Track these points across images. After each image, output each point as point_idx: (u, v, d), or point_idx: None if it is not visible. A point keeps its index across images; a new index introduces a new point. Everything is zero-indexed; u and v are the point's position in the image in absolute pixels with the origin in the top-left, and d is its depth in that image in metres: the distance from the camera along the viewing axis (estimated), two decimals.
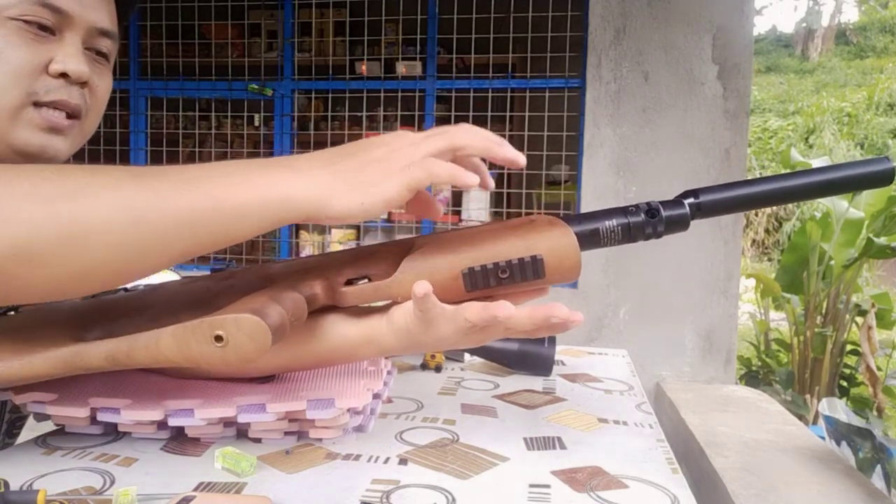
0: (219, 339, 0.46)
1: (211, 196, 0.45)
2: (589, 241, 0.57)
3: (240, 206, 0.46)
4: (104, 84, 0.70)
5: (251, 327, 0.46)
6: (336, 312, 0.59)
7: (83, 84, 0.65)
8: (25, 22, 0.61)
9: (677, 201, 0.59)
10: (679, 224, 0.58)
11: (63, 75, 0.63)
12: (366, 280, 0.55)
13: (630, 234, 0.57)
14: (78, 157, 0.59)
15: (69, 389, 0.61)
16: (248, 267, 0.60)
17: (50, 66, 0.63)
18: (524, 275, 0.53)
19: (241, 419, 0.60)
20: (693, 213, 0.59)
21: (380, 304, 0.57)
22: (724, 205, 0.59)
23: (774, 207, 11.27)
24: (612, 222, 0.56)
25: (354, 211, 0.47)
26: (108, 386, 0.63)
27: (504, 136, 2.68)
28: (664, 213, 0.57)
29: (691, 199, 0.59)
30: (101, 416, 0.59)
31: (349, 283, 0.55)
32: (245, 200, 0.46)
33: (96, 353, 0.49)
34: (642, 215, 0.57)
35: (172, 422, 0.59)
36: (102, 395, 0.61)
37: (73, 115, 0.65)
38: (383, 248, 0.55)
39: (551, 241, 0.53)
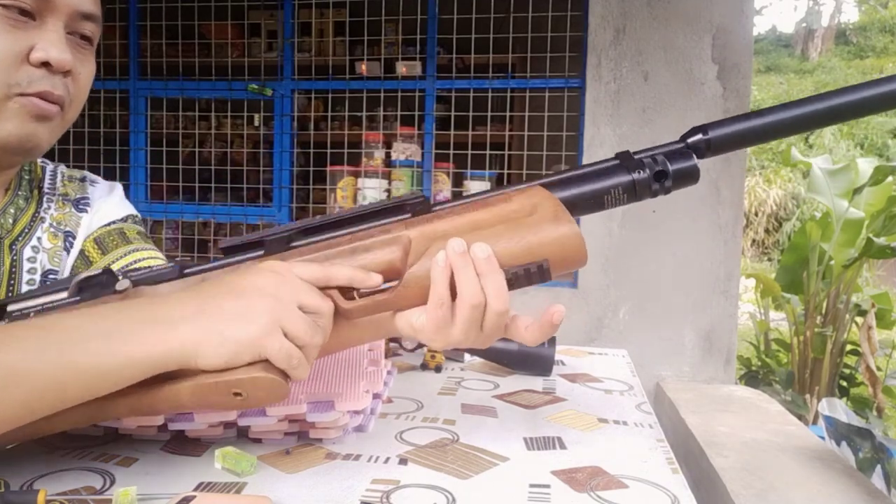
0: (237, 394, 0.49)
1: (73, 363, 0.46)
2: (592, 206, 0.56)
3: (103, 370, 0.46)
4: (87, 71, 0.67)
5: (267, 385, 0.49)
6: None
7: (66, 73, 0.62)
8: (4, 7, 0.57)
9: (684, 152, 0.56)
10: (688, 178, 0.56)
11: (45, 64, 0.60)
12: (370, 294, 0.54)
13: (636, 195, 0.56)
14: (78, 158, 0.58)
15: None
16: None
17: (31, 53, 0.59)
18: (530, 281, 0.53)
19: (242, 422, 0.60)
20: (702, 153, 0.57)
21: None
22: (735, 138, 0.57)
23: (774, 207, 11.27)
24: (617, 188, 0.55)
25: (220, 366, 0.48)
26: None
27: (504, 136, 2.66)
28: (672, 168, 0.55)
29: (699, 136, 0.56)
30: (101, 422, 0.59)
31: (348, 293, 0.54)
32: (109, 365, 0.47)
33: (121, 406, 0.50)
34: (647, 172, 0.55)
35: (173, 426, 0.59)
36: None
37: (56, 104, 0.62)
38: (378, 244, 0.54)
39: (558, 242, 0.52)
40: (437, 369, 0.92)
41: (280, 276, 0.51)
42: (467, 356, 0.98)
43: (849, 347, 3.32)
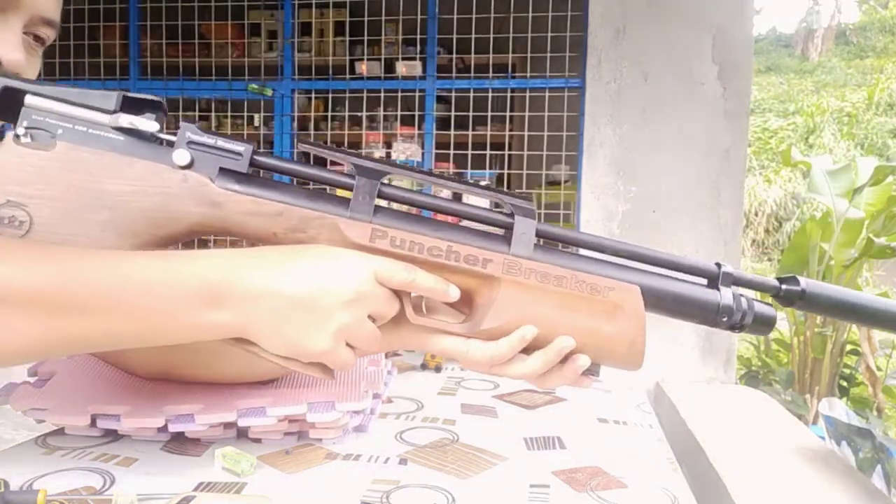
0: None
1: (121, 272, 0.45)
2: (664, 312, 0.58)
3: (147, 278, 0.45)
4: (33, 72, 0.65)
5: (316, 374, 0.51)
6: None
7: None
8: None
9: (766, 304, 0.58)
10: (764, 326, 0.58)
11: None
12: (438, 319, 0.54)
13: (709, 324, 0.58)
14: None
15: (68, 397, 0.61)
16: None
17: None
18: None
19: (242, 423, 0.60)
20: (792, 301, 0.58)
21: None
22: (830, 303, 0.58)
23: (774, 207, 11.27)
24: (698, 313, 0.57)
25: (277, 356, 0.47)
26: (107, 392, 0.63)
27: (504, 136, 2.66)
28: (755, 315, 0.57)
29: (797, 288, 0.57)
30: (101, 423, 0.59)
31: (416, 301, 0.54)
32: (167, 339, 0.47)
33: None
34: (733, 316, 0.56)
35: (173, 427, 0.59)
36: (102, 402, 0.60)
37: None
38: (469, 272, 0.52)
39: (623, 362, 0.55)
40: (437, 369, 0.92)
41: (363, 281, 0.48)
42: None
43: (849, 347, 3.32)
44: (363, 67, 3.12)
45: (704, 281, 0.58)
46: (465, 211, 0.54)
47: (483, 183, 0.53)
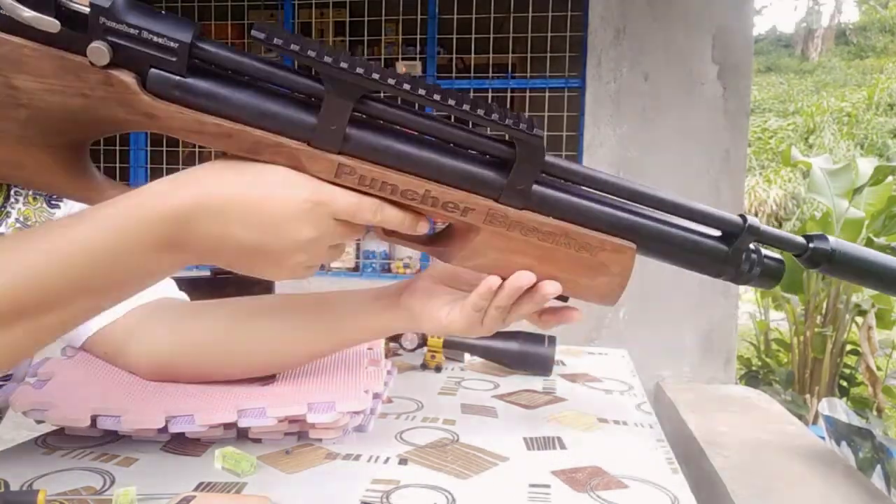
0: None
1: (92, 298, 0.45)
2: (663, 255, 0.55)
3: (98, 249, 0.43)
4: None
5: None
6: (354, 305, 0.61)
7: None
8: None
9: (778, 259, 0.55)
10: (771, 279, 0.56)
11: None
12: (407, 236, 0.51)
13: (715, 275, 0.55)
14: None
15: (68, 397, 0.61)
16: None
17: None
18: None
19: (242, 424, 0.60)
20: (817, 263, 0.55)
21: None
22: (856, 264, 0.55)
23: (774, 207, 11.27)
24: (705, 264, 0.54)
25: (224, 232, 0.45)
26: (107, 393, 0.63)
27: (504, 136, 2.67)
28: (763, 266, 0.54)
29: (827, 247, 0.54)
30: (101, 424, 0.59)
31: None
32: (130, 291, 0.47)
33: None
34: (742, 265, 0.54)
35: (173, 428, 0.59)
36: (102, 403, 0.60)
37: None
38: (445, 216, 0.48)
39: (595, 294, 0.53)
40: (437, 369, 0.92)
41: (320, 226, 0.46)
42: (467, 356, 0.98)
43: (849, 347, 3.32)
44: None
45: (718, 233, 0.54)
46: (461, 137, 0.46)
47: (488, 111, 0.44)
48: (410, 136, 0.46)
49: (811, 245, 0.54)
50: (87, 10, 0.39)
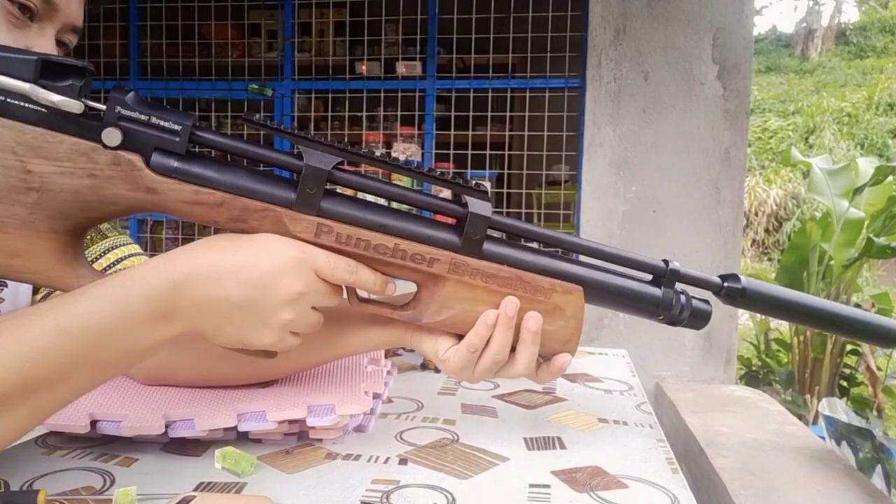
0: None
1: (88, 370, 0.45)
2: (606, 304, 0.60)
3: (96, 325, 0.45)
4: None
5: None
6: (358, 320, 0.62)
7: None
8: (10, 1, 0.56)
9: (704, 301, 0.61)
10: (700, 321, 0.61)
11: None
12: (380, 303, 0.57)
13: (648, 316, 0.61)
14: None
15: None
16: None
17: None
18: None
19: (242, 428, 0.60)
20: (734, 300, 0.61)
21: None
22: (768, 301, 0.61)
23: (774, 207, 11.27)
24: (640, 307, 0.60)
25: (215, 292, 0.47)
26: (106, 397, 0.63)
27: (504, 136, 2.65)
28: (692, 310, 0.60)
29: (737, 286, 0.60)
30: (101, 429, 0.59)
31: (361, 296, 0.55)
32: (122, 366, 0.48)
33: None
34: (672, 309, 0.60)
35: (173, 433, 0.59)
36: (101, 408, 0.60)
37: None
38: (414, 270, 0.53)
39: (557, 340, 0.58)
40: (437, 369, 0.92)
41: (305, 281, 0.49)
42: None
43: (849, 347, 3.32)
44: (363, 67, 3.12)
45: (649, 277, 0.60)
46: (419, 200, 0.54)
47: (441, 172, 0.53)
48: (378, 203, 0.53)
49: (725, 284, 0.61)
50: (101, 105, 0.45)
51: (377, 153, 0.51)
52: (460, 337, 0.57)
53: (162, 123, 0.47)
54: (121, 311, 0.45)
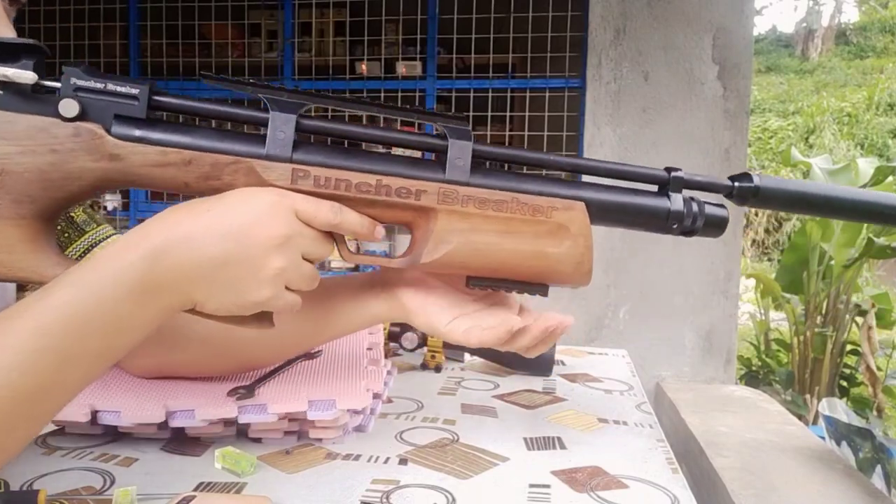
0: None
1: (76, 367, 0.42)
2: (615, 223, 0.56)
3: (76, 315, 0.42)
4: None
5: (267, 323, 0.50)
6: (349, 294, 0.60)
7: None
8: None
9: (719, 203, 0.57)
10: (716, 228, 0.57)
11: None
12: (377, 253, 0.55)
13: (659, 230, 0.57)
14: None
15: None
16: None
17: None
18: (530, 293, 0.55)
19: (243, 419, 0.60)
20: (746, 200, 0.56)
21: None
22: (783, 196, 0.57)
23: None
24: (648, 220, 0.56)
25: (197, 255, 0.44)
26: (107, 389, 0.63)
27: (504, 136, 2.66)
28: (705, 217, 0.56)
29: (749, 184, 0.56)
30: (101, 419, 0.59)
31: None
32: (115, 356, 0.45)
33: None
34: (683, 220, 0.55)
35: (174, 423, 0.59)
36: (101, 399, 0.60)
37: None
38: (402, 205, 0.50)
39: (570, 278, 0.54)
40: (437, 369, 0.92)
41: (288, 223, 0.46)
42: (467, 356, 0.98)
43: (849, 347, 3.32)
44: (363, 67, 3.12)
45: (655, 188, 0.56)
46: (395, 138, 0.51)
47: (414, 107, 0.51)
48: (353, 145, 0.51)
49: (736, 184, 0.57)
50: (56, 83, 0.44)
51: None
52: (452, 302, 0.55)
53: (119, 89, 0.45)
54: (98, 297, 0.42)
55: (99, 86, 0.45)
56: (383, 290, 0.59)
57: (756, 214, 11.16)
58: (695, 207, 0.56)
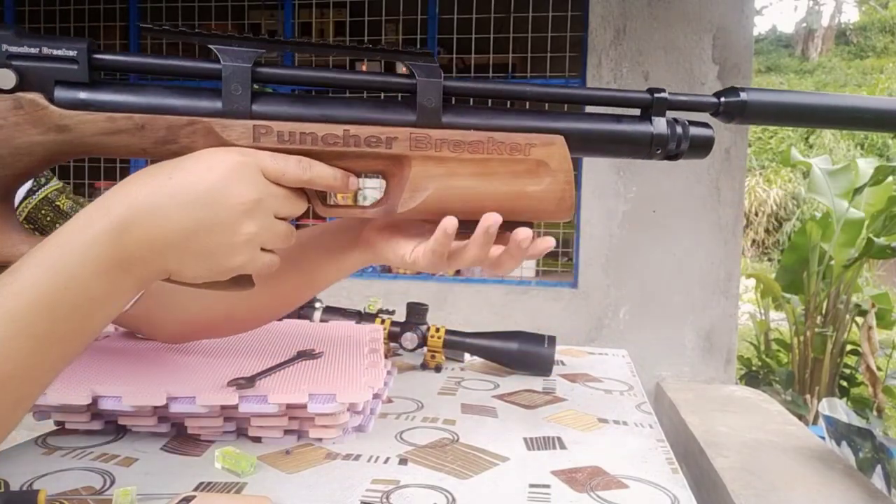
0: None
1: (54, 348, 0.41)
2: (597, 152, 0.54)
3: (44, 296, 0.40)
4: None
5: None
6: (323, 245, 0.58)
7: None
8: None
9: (703, 122, 0.53)
10: (702, 149, 0.54)
11: None
12: (348, 206, 0.51)
13: (645, 156, 0.54)
14: (78, 158, 0.56)
15: (68, 379, 0.61)
16: None
17: None
18: (510, 229, 0.52)
19: (243, 408, 0.60)
20: (733, 117, 0.53)
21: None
22: (771, 110, 0.53)
23: (774, 207, 11.27)
24: (632, 146, 0.53)
25: (164, 226, 0.42)
26: (107, 375, 0.63)
27: None
28: (690, 137, 0.53)
29: (737, 98, 0.52)
30: (102, 404, 0.59)
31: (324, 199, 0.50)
32: (90, 334, 0.43)
33: None
34: (667, 144, 0.53)
35: (174, 407, 0.59)
36: (102, 385, 0.60)
37: None
38: (373, 155, 0.48)
39: (552, 213, 0.51)
40: (437, 369, 0.92)
41: (256, 185, 0.44)
42: (467, 356, 0.98)
43: (849, 347, 3.32)
44: (363, 68, 3.12)
45: (637, 112, 0.54)
46: (360, 80, 0.48)
47: (377, 44, 0.48)
48: (314, 94, 0.48)
49: (722, 100, 0.53)
50: None
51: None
52: (419, 232, 0.52)
53: (55, 53, 0.42)
54: (65, 277, 0.40)
55: (33, 51, 0.42)
56: (354, 236, 0.58)
57: (756, 214, 11.16)
58: (679, 130, 0.53)
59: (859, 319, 3.15)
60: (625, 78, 2.56)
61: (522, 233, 0.50)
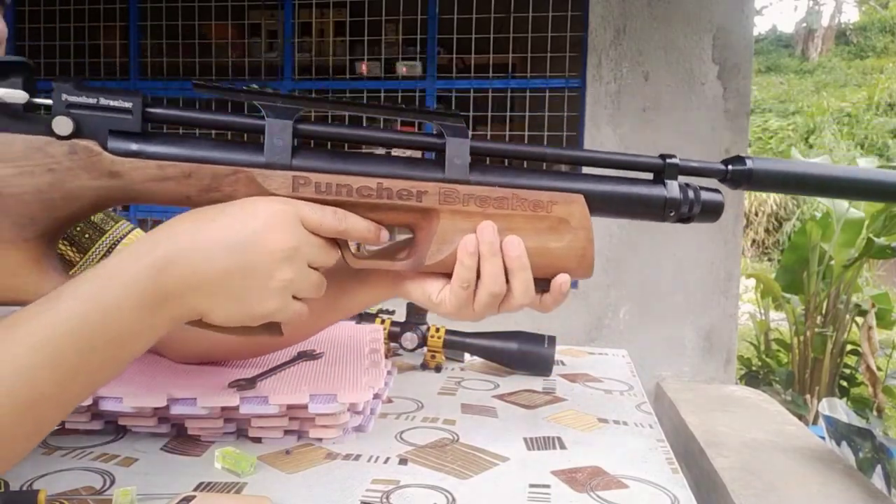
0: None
1: (87, 380, 0.42)
2: (612, 214, 0.56)
3: (83, 328, 0.41)
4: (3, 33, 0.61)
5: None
6: (348, 280, 0.59)
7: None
8: None
9: (713, 188, 0.56)
10: (713, 214, 0.56)
11: None
12: (379, 257, 0.54)
13: (659, 219, 0.56)
14: None
15: None
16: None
17: None
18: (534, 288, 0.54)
19: (244, 409, 0.60)
20: (739, 183, 0.56)
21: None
22: (777, 178, 0.56)
23: (774, 207, 11.27)
24: (639, 207, 0.55)
25: (204, 266, 0.44)
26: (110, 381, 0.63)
27: (504, 136, 2.67)
28: (702, 202, 0.55)
29: (742, 167, 0.55)
30: (103, 405, 0.59)
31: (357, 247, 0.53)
32: (122, 365, 0.44)
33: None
34: (680, 208, 0.55)
35: (175, 409, 0.59)
36: (104, 387, 0.60)
37: None
38: (405, 207, 0.50)
39: (575, 270, 0.54)
40: (437, 369, 0.92)
41: (294, 233, 0.46)
42: (467, 356, 0.98)
43: (849, 347, 3.32)
44: (363, 67, 3.12)
45: (650, 175, 0.56)
46: (392, 138, 0.51)
47: (410, 105, 0.51)
48: (351, 149, 0.52)
49: (729, 167, 0.56)
50: (48, 101, 0.44)
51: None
52: (448, 276, 0.53)
53: (112, 104, 0.45)
54: (104, 309, 0.42)
55: (91, 101, 0.45)
56: (387, 271, 0.58)
57: (756, 214, 11.16)
58: (691, 194, 0.55)
59: (859, 319, 3.15)
60: (625, 78, 2.56)
61: (562, 277, 0.53)
